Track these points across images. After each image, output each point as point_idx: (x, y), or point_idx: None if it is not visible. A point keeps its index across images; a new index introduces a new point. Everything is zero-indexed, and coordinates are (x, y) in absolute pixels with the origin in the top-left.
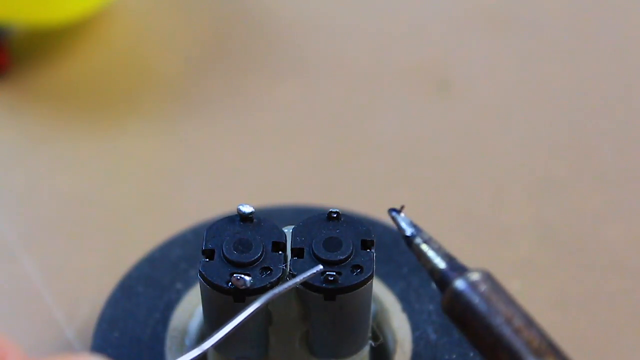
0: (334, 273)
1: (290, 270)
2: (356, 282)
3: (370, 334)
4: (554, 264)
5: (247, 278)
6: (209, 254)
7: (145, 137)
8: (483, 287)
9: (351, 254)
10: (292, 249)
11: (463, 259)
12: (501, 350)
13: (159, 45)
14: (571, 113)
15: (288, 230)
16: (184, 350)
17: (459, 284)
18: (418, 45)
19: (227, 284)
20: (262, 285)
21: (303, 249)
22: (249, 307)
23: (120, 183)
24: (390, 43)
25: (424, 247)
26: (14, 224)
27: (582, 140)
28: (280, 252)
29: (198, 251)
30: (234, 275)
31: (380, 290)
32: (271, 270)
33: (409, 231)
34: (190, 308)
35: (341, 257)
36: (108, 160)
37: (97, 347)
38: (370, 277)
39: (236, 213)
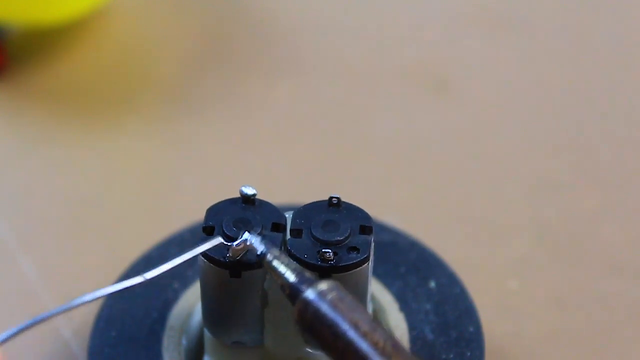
0: (330, 251)
1: (288, 249)
2: (352, 262)
3: None
4: (551, 263)
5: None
6: (209, 231)
7: (143, 137)
8: (330, 296)
9: (348, 236)
10: (291, 230)
11: (462, 258)
12: (350, 354)
13: (157, 45)
14: (569, 113)
15: (289, 214)
16: (182, 349)
17: (309, 294)
18: (417, 45)
19: (224, 258)
20: (258, 259)
21: (301, 229)
22: (201, 245)
23: (117, 183)
24: (389, 43)
25: (275, 263)
26: (12, 224)
27: (579, 140)
28: (279, 233)
29: None
30: (233, 243)
31: (377, 289)
32: None
33: (259, 250)
34: (187, 307)
35: (338, 238)
36: (105, 160)
37: (94, 347)
38: (367, 260)
39: (239, 196)
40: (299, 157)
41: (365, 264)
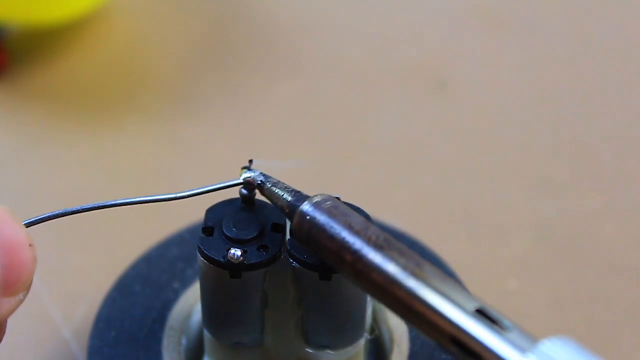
0: None
1: (287, 249)
2: None
3: (366, 329)
4: (550, 263)
5: (238, 252)
6: (209, 231)
7: (142, 137)
8: (324, 205)
9: None
10: (290, 230)
11: (462, 258)
12: (345, 252)
13: (157, 44)
14: (568, 113)
15: None
16: (181, 349)
17: (305, 206)
18: (417, 45)
19: (223, 259)
20: (258, 261)
21: None
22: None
23: (117, 182)
24: (389, 43)
25: (273, 188)
26: None
27: (579, 140)
28: (279, 233)
29: (195, 251)
30: (230, 250)
31: None
32: (268, 248)
33: (259, 179)
34: (187, 307)
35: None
36: (105, 160)
37: (94, 347)
38: None
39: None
40: (299, 157)
41: None
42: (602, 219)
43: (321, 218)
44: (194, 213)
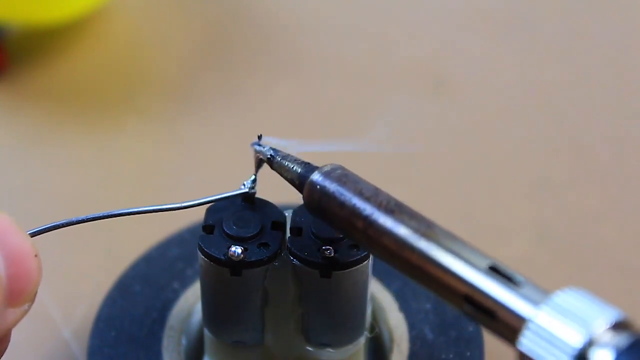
0: (331, 249)
1: (288, 247)
2: (352, 259)
3: (366, 327)
4: (550, 263)
5: (239, 250)
6: (209, 230)
7: (142, 136)
8: (334, 173)
9: None
10: (291, 228)
11: None
12: (356, 218)
13: (157, 44)
14: (568, 113)
15: (289, 213)
16: (182, 349)
17: (315, 176)
18: (416, 45)
19: (224, 256)
20: (258, 258)
21: (302, 228)
22: None
23: (117, 182)
24: (389, 43)
25: (283, 162)
26: None
27: (579, 139)
28: (279, 231)
29: (195, 251)
30: (230, 247)
31: (377, 289)
32: (269, 245)
33: (269, 153)
34: (187, 307)
35: (339, 236)
36: (105, 159)
37: (94, 347)
38: (367, 257)
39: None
40: (299, 156)
41: (366, 261)
42: (602, 219)
43: (331, 186)
44: (194, 213)
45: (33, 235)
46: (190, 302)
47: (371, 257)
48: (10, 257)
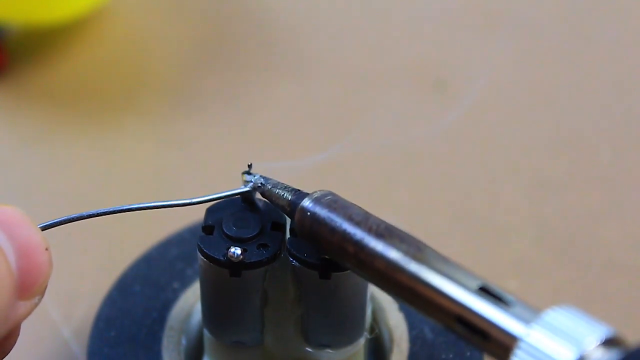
0: None
1: (288, 248)
2: None
3: (365, 328)
4: (550, 262)
5: (238, 251)
6: (209, 230)
7: (142, 137)
8: (324, 200)
9: None
10: (291, 229)
11: (460, 257)
12: (347, 243)
13: (156, 45)
14: (569, 113)
15: None
16: (181, 349)
17: (305, 202)
18: (416, 45)
19: (224, 257)
20: (258, 259)
21: None
22: None
23: (117, 182)
24: (389, 43)
25: (273, 189)
26: None
27: (578, 139)
28: (279, 232)
29: (195, 251)
30: (230, 248)
31: (377, 289)
32: (268, 246)
33: (259, 182)
34: (187, 307)
35: None
36: (105, 159)
37: (93, 347)
38: None
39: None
40: (299, 155)
41: None
42: (602, 219)
43: (322, 212)
44: (194, 213)
45: (44, 228)
46: (190, 302)
47: None
48: (21, 249)
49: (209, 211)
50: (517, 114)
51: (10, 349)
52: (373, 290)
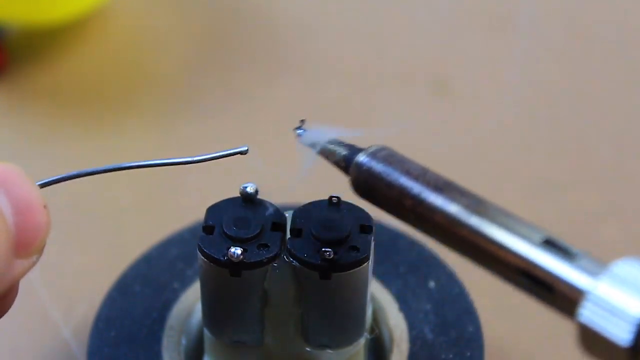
0: (330, 251)
1: (288, 248)
2: (351, 260)
3: (366, 328)
4: None
5: (239, 251)
6: (209, 230)
7: (142, 136)
8: (380, 154)
9: (349, 235)
10: (291, 229)
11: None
12: (405, 197)
13: (156, 44)
14: (569, 113)
15: (289, 214)
16: (181, 349)
17: (361, 157)
18: (417, 45)
19: (224, 257)
20: (258, 259)
21: (302, 229)
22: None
23: (117, 182)
24: (389, 43)
25: (328, 145)
26: None
27: (578, 139)
28: (279, 232)
29: (195, 251)
30: (230, 248)
31: (377, 289)
32: (268, 247)
33: (311, 140)
34: (187, 307)
35: (339, 238)
36: (105, 159)
37: (93, 347)
38: (366, 259)
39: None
40: (299, 156)
41: (365, 263)
42: (602, 219)
43: (378, 167)
44: (194, 213)
45: (42, 186)
46: (190, 302)
47: (371, 258)
48: (18, 207)
49: (209, 210)
50: (517, 114)
51: (8, 309)
52: (374, 290)
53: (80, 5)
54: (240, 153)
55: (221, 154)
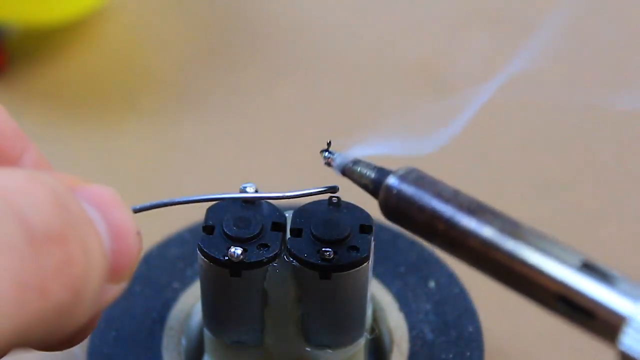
0: (330, 250)
1: (288, 248)
2: (351, 260)
3: (366, 328)
4: None
5: (239, 251)
6: (209, 230)
7: (142, 136)
8: (410, 176)
9: (349, 235)
10: (291, 229)
11: None
12: (437, 221)
13: (156, 44)
14: (568, 113)
15: (289, 214)
16: (181, 349)
17: (390, 180)
18: (416, 44)
19: (224, 257)
20: (258, 259)
21: (302, 229)
22: None
23: (116, 182)
24: (389, 43)
25: (355, 167)
26: None
27: (578, 139)
28: (279, 232)
29: (195, 251)
30: (230, 248)
31: (377, 289)
32: (269, 246)
33: (338, 161)
34: (187, 307)
35: (339, 238)
36: (105, 159)
37: (94, 347)
38: (366, 259)
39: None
40: (299, 155)
41: (365, 263)
42: (602, 219)
43: (409, 190)
44: (194, 213)
45: (136, 212)
46: (190, 302)
47: (371, 258)
48: (114, 232)
49: (209, 210)
50: (517, 114)
51: (89, 334)
52: (374, 290)
53: (80, 5)
54: (331, 191)
55: (311, 191)
